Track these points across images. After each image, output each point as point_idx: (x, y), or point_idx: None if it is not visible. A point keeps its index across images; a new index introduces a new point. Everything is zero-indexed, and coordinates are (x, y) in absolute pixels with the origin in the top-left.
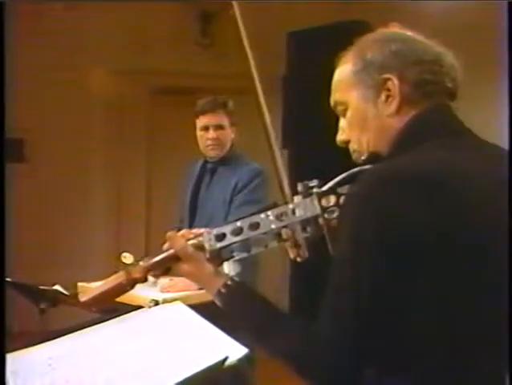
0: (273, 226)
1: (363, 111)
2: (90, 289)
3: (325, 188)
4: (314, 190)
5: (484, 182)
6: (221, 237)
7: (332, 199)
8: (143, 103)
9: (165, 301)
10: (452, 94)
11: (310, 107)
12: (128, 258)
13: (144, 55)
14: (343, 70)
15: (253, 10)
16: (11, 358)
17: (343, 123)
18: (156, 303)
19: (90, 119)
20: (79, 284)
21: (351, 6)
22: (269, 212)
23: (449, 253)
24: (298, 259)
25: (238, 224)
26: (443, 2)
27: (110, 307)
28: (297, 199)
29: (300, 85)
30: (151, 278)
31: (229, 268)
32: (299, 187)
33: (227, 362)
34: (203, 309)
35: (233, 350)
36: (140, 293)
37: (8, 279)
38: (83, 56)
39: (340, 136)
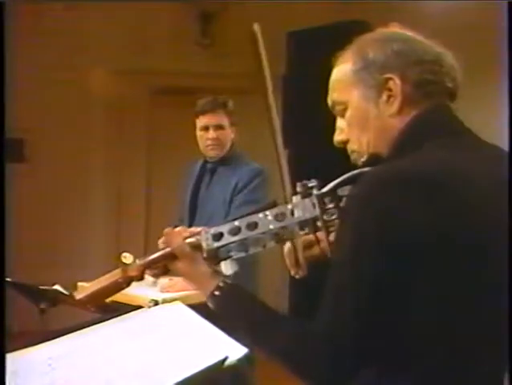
0: (271, 226)
1: (363, 111)
2: (85, 286)
3: (325, 189)
4: (314, 192)
5: (484, 182)
6: (218, 237)
7: (332, 201)
8: (143, 103)
9: (165, 301)
10: (452, 94)
11: (310, 107)
12: (127, 258)
13: (144, 55)
14: (342, 70)
15: (254, 10)
16: (11, 358)
17: (341, 123)
18: (156, 303)
19: (90, 119)
20: (79, 284)
21: (351, 6)
22: (267, 212)
23: (449, 254)
24: (297, 276)
25: (236, 223)
26: (443, 2)
27: (109, 307)
28: (296, 199)
29: (300, 85)
30: (151, 278)
31: (226, 267)
32: (298, 187)
33: (227, 362)
34: (203, 309)
35: (233, 350)
36: (140, 293)
37: (8, 279)
38: (83, 56)
39: (338, 136)
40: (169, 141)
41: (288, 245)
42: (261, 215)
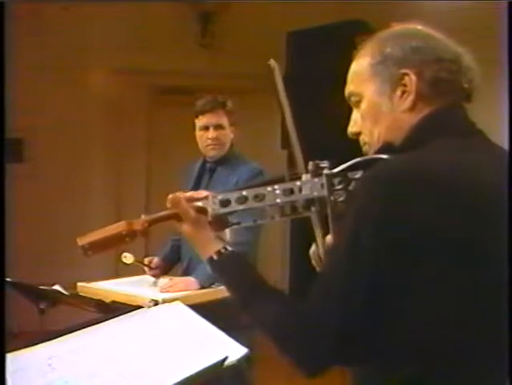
0: (278, 200)
1: (377, 104)
2: (89, 234)
3: (335, 170)
4: (324, 171)
5: (490, 184)
6: (225, 203)
7: (341, 182)
8: (142, 103)
9: (165, 301)
10: (468, 95)
11: (310, 106)
12: (128, 258)
13: (143, 55)
14: (360, 63)
15: (254, 10)
16: (11, 358)
17: (355, 115)
18: (156, 303)
19: (90, 119)
20: (79, 284)
21: (351, 6)
22: (276, 186)
23: (451, 253)
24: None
25: (244, 193)
26: (443, 2)
27: (109, 307)
28: (305, 177)
29: (300, 85)
30: (151, 278)
31: (231, 235)
32: (310, 166)
33: (226, 362)
34: (203, 309)
35: (233, 350)
36: (140, 293)
37: (8, 279)
38: (82, 56)
39: (352, 128)
40: (169, 141)
41: (313, 246)
42: (269, 188)
